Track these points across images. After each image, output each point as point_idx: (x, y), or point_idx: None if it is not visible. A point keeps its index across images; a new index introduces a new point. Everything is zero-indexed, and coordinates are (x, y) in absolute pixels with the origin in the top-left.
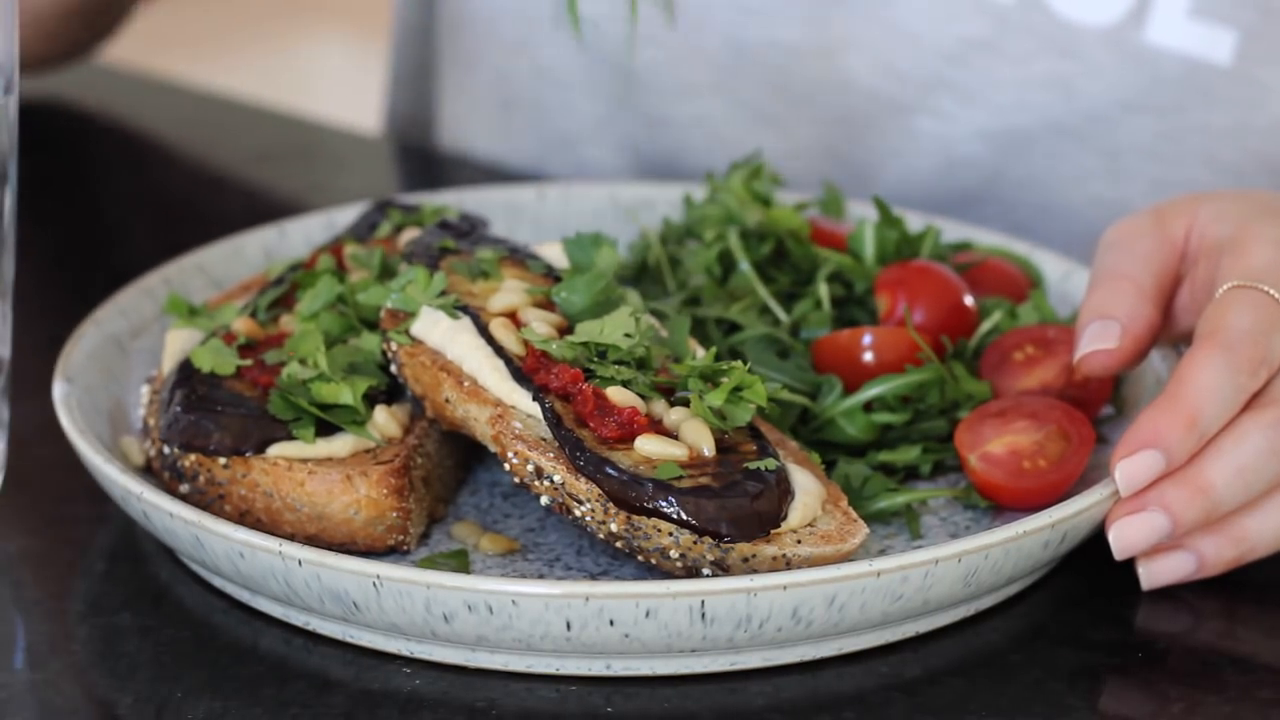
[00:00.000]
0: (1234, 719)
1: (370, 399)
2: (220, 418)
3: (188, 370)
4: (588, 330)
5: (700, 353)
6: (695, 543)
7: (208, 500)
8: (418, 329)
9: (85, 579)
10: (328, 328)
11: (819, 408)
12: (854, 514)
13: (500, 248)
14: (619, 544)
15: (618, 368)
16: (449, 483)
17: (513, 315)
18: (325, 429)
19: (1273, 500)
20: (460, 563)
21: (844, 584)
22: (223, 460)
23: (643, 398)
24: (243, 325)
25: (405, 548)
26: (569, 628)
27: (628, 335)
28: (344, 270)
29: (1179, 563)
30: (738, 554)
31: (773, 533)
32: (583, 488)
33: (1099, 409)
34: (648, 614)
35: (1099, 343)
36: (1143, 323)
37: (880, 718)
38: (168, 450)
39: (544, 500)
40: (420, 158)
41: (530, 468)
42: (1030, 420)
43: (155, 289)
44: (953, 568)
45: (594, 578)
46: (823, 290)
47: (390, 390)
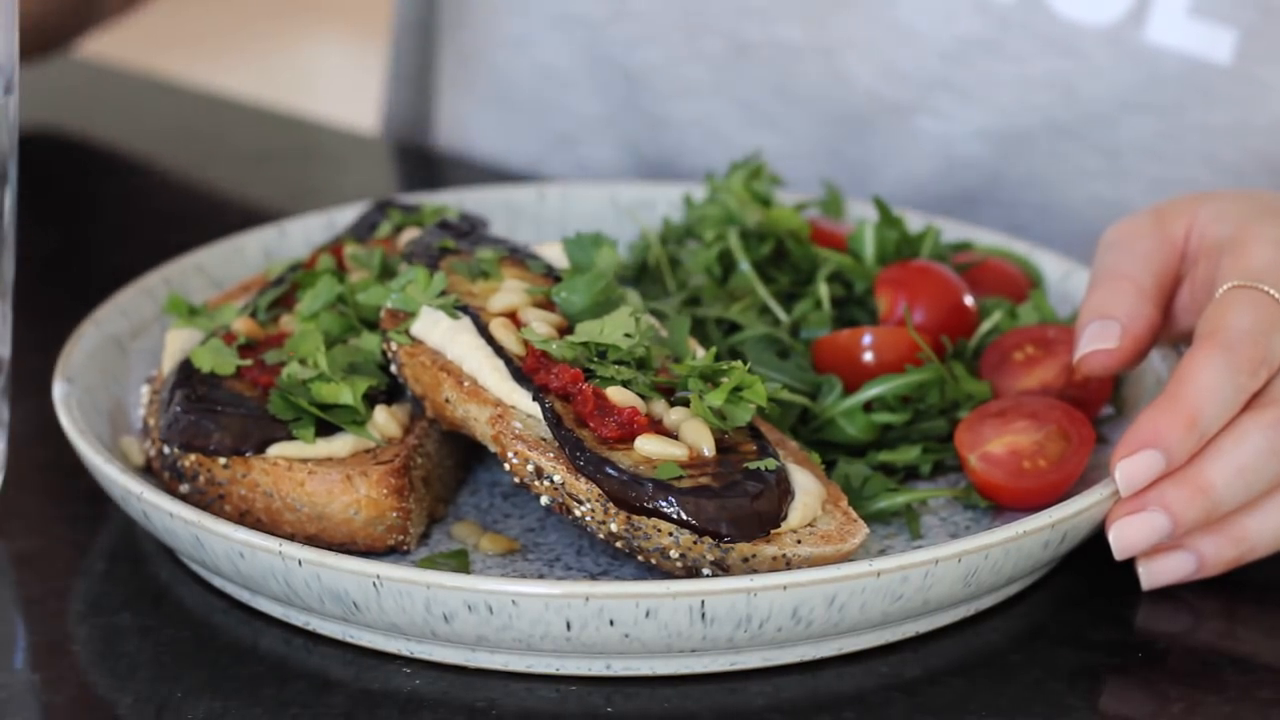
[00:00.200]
0: (1234, 719)
1: (370, 399)
2: (220, 418)
3: (188, 370)
4: (588, 330)
5: (700, 353)
6: (695, 543)
7: (208, 500)
8: (418, 329)
9: (85, 579)
10: (328, 328)
11: (819, 408)
12: (854, 514)
13: (500, 248)
14: (619, 544)
15: (618, 368)
16: (449, 483)
17: (513, 315)
18: (325, 429)
19: (1273, 500)
20: (460, 563)
21: (844, 584)
22: (223, 460)
23: (643, 398)
24: (243, 325)
25: (405, 548)
26: (569, 628)
27: (628, 335)
28: (344, 270)
29: (1179, 563)
30: (738, 554)
31: (773, 533)
32: (583, 488)
33: (1099, 409)
34: (648, 614)
35: (1099, 343)
36: (1143, 323)
37: (880, 718)
38: (168, 450)
39: (544, 500)
40: (420, 158)
41: (530, 468)
42: (1030, 420)
43: (155, 289)
44: (953, 568)
45: (594, 578)
46: (823, 290)
47: (390, 390)
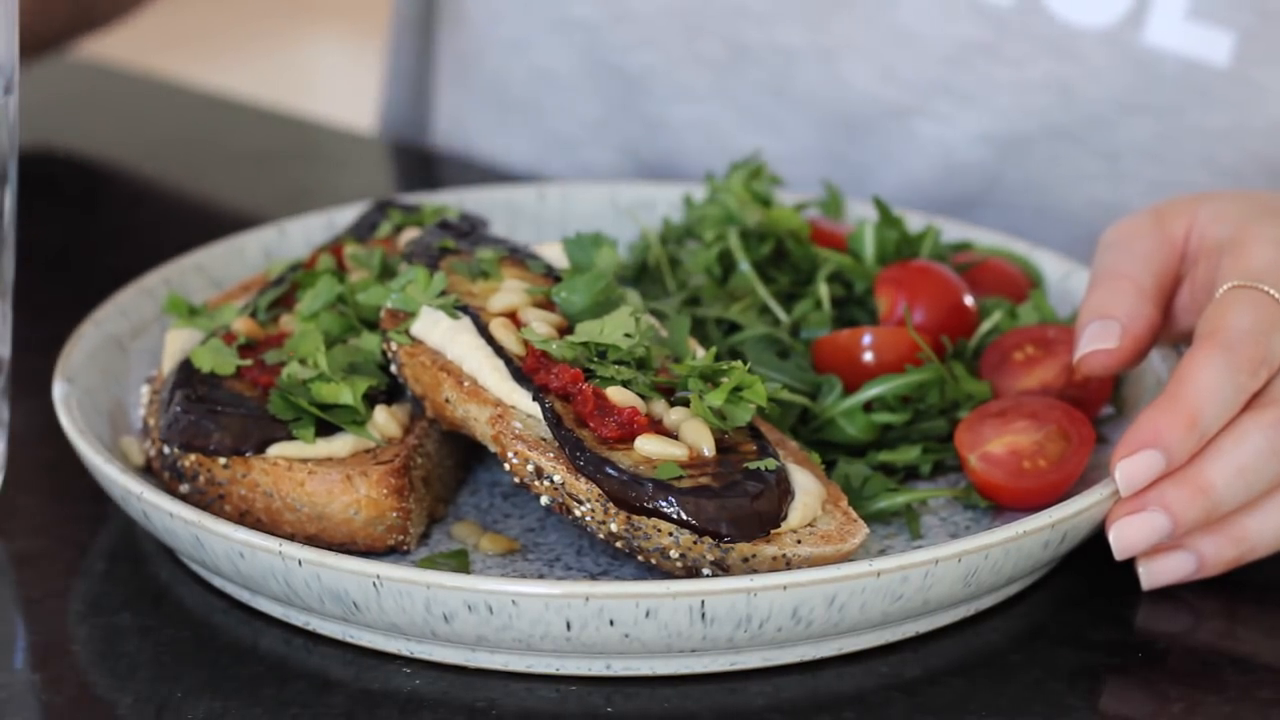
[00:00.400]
0: (1234, 719)
1: (370, 399)
2: (220, 418)
3: (188, 370)
4: (588, 330)
5: (700, 353)
6: (695, 543)
7: (208, 500)
8: (418, 329)
9: (85, 579)
10: (328, 328)
11: (819, 408)
12: (854, 514)
13: (500, 248)
14: (619, 544)
15: (618, 368)
16: (449, 483)
17: (513, 315)
18: (325, 429)
19: (1273, 500)
20: (460, 563)
21: (844, 584)
22: (223, 460)
23: (643, 398)
24: (243, 325)
25: (405, 548)
26: (569, 628)
27: (628, 335)
28: (344, 270)
29: (1179, 563)
30: (738, 554)
31: (773, 533)
32: (583, 488)
33: (1099, 409)
34: (648, 614)
35: (1099, 342)
36: (1142, 322)
37: (880, 718)
38: (168, 450)
39: (544, 500)
40: (419, 158)
41: (530, 468)
42: (1030, 420)
43: (155, 289)
44: (953, 568)
45: (594, 578)
46: (823, 290)
47: (390, 390)
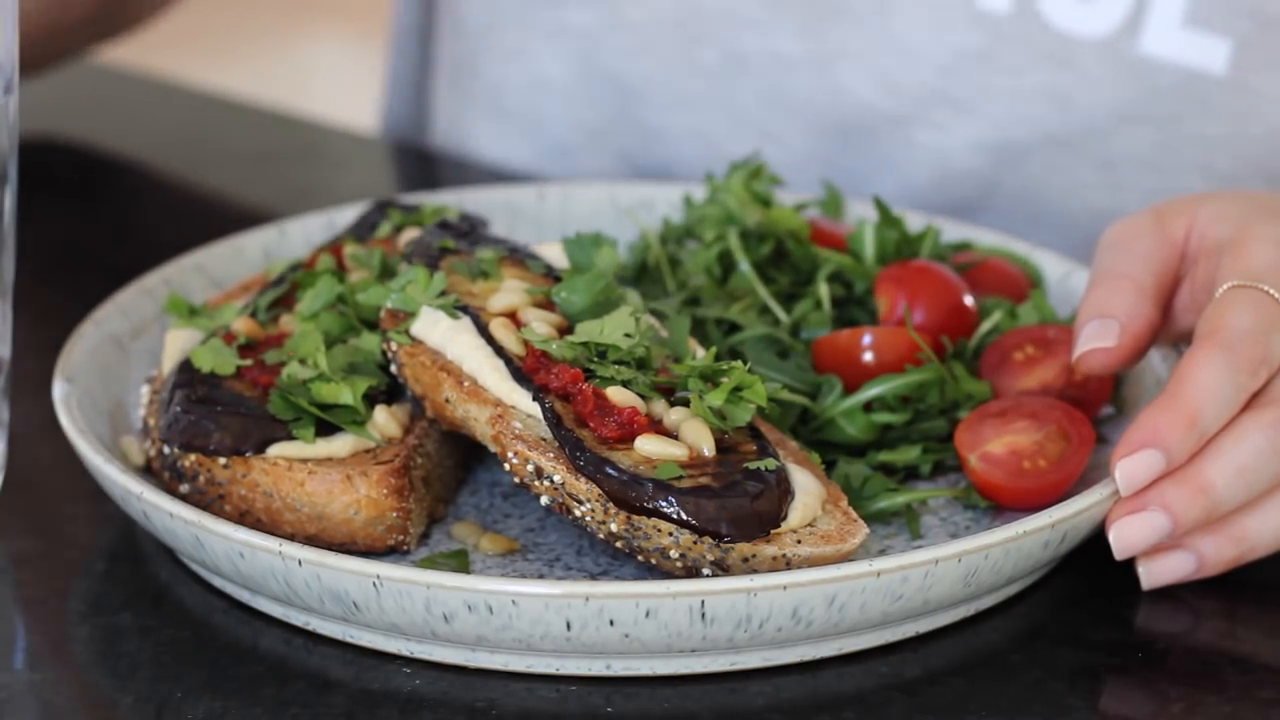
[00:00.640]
0: (1234, 719)
1: (370, 399)
2: (220, 418)
3: (188, 370)
4: (588, 330)
5: (700, 353)
6: (695, 543)
7: (208, 500)
8: (418, 329)
9: (85, 579)
10: (328, 328)
11: (819, 408)
12: (854, 514)
13: (500, 248)
14: (619, 544)
15: (618, 368)
16: (449, 483)
17: (513, 315)
18: (325, 429)
19: (1273, 500)
20: (460, 563)
21: (844, 584)
22: (223, 460)
23: (643, 398)
24: (243, 325)
25: (405, 548)
26: (569, 628)
27: (628, 335)
28: (344, 270)
29: (1179, 562)
30: (738, 554)
31: (773, 533)
32: (583, 488)
33: (1099, 409)
34: (648, 614)
35: (1097, 341)
36: (1142, 321)
37: (880, 718)
38: (168, 450)
39: (544, 500)
40: (419, 158)
41: (530, 468)
42: (1030, 420)
43: (155, 289)
44: (953, 568)
45: (594, 578)
46: (823, 290)
47: (390, 390)
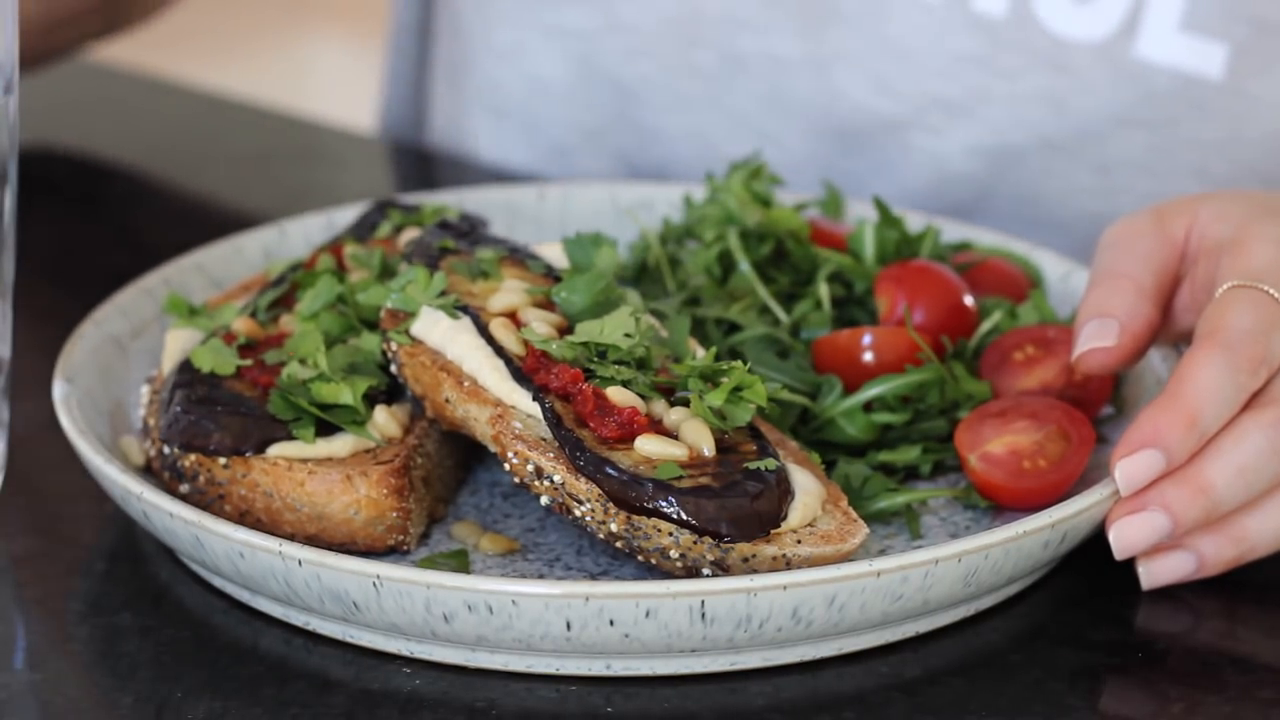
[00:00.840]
0: (1234, 719)
1: (370, 399)
2: (220, 418)
3: (188, 370)
4: (588, 330)
5: (700, 353)
6: (695, 543)
7: (208, 500)
8: (418, 329)
9: (85, 579)
10: (328, 328)
11: (819, 408)
12: (854, 514)
13: (500, 248)
14: (619, 544)
15: (618, 368)
16: (449, 483)
17: (513, 315)
18: (325, 429)
19: (1273, 500)
20: (460, 563)
21: (844, 584)
22: (223, 460)
23: (643, 398)
24: (243, 325)
25: (405, 548)
26: (569, 628)
27: (628, 335)
28: (344, 270)
29: (1179, 562)
30: (738, 554)
31: (773, 533)
32: (583, 488)
33: (1099, 409)
34: (648, 614)
35: (1097, 340)
36: (1141, 321)
37: (880, 718)
38: (168, 450)
39: (544, 500)
40: (419, 158)
41: (530, 468)
42: (1030, 420)
43: (155, 289)
44: (953, 568)
45: (594, 578)
46: (823, 290)
47: (390, 390)
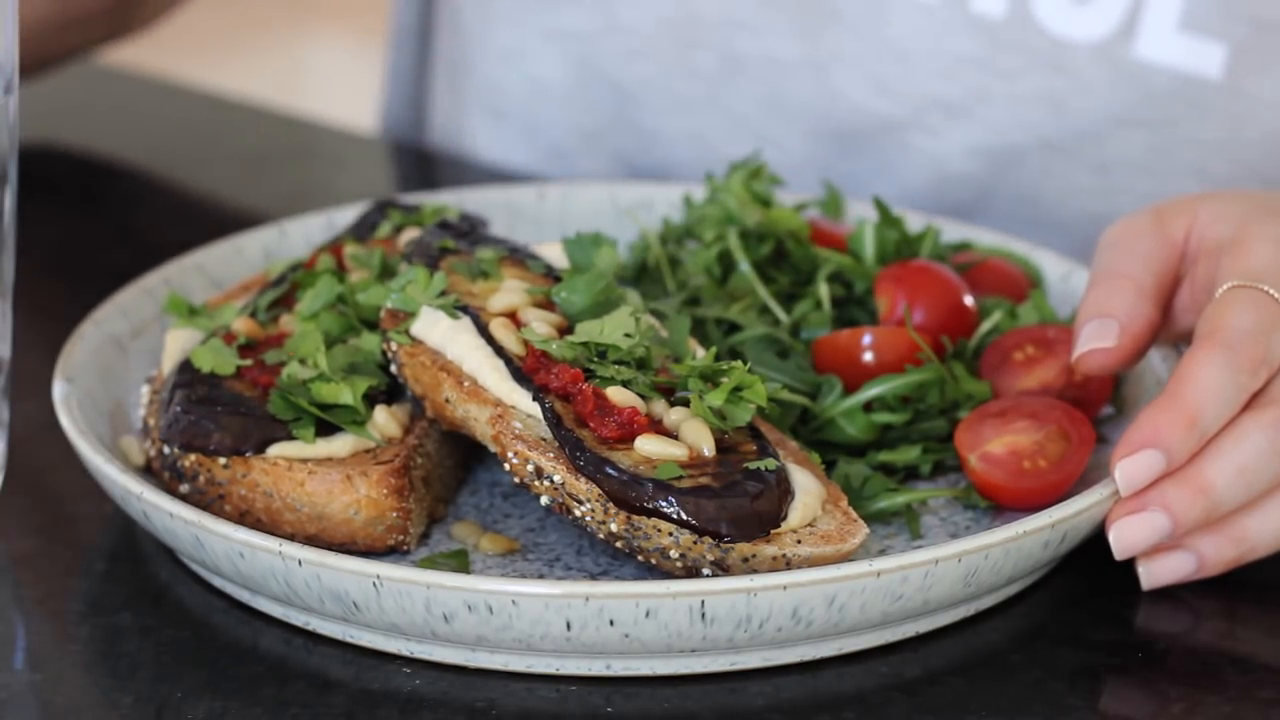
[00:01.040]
0: (1234, 719)
1: (370, 399)
2: (220, 418)
3: (188, 370)
4: (588, 330)
5: (700, 353)
6: (695, 543)
7: (208, 500)
8: (418, 329)
9: (85, 579)
10: (328, 328)
11: (819, 408)
12: (854, 514)
13: (500, 248)
14: (619, 544)
15: (618, 368)
16: (449, 483)
17: (513, 315)
18: (325, 429)
19: (1273, 500)
20: (460, 563)
21: (844, 584)
22: (223, 460)
23: (643, 398)
24: (243, 325)
25: (405, 548)
26: (569, 628)
27: (628, 335)
28: (344, 270)
29: (1179, 563)
30: (738, 554)
31: (773, 533)
32: (583, 488)
33: (1099, 409)
34: (648, 614)
35: (1097, 341)
36: (1141, 321)
37: (880, 718)
38: (168, 450)
39: (544, 500)
40: (419, 158)
41: (530, 468)
42: (1030, 420)
43: (155, 289)
44: (953, 568)
45: (594, 578)
46: (823, 290)
47: (390, 390)
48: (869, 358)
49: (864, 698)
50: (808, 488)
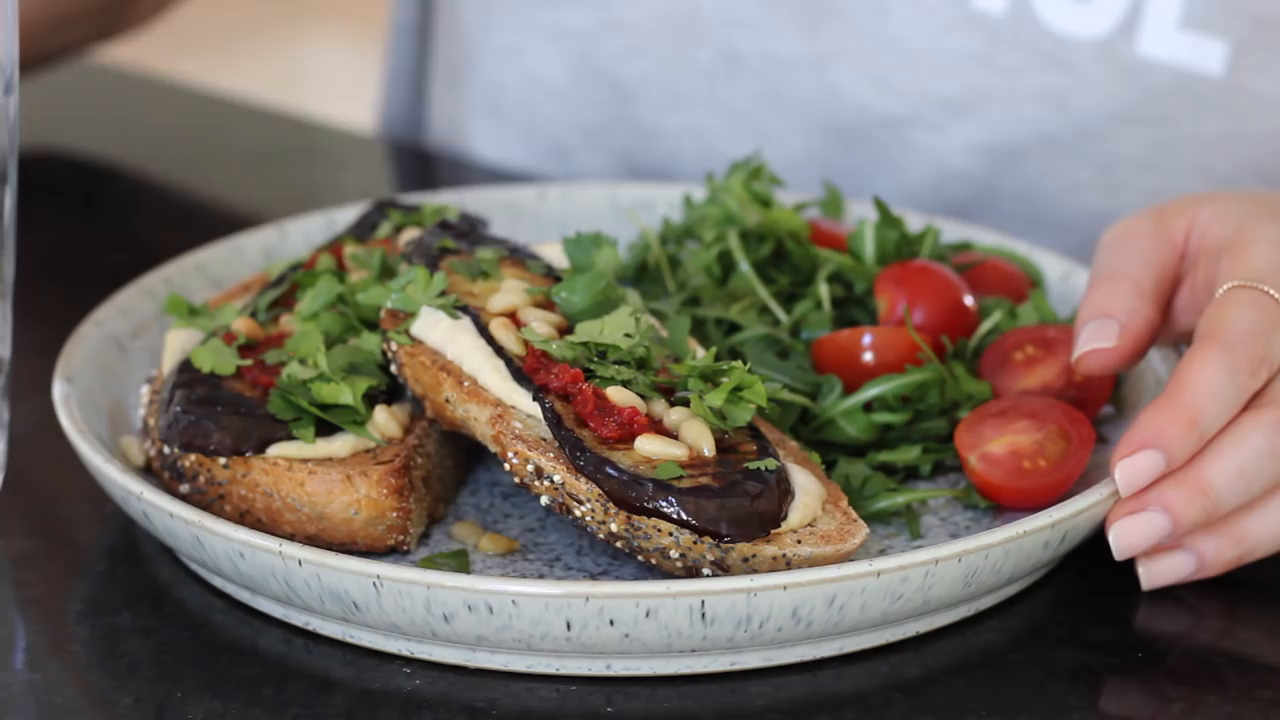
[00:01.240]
0: (1234, 719)
1: (370, 399)
2: (220, 418)
3: (188, 370)
4: (588, 330)
5: (700, 353)
6: (695, 543)
7: (208, 500)
8: (418, 329)
9: (85, 579)
10: (328, 328)
11: (819, 408)
12: (854, 514)
13: (500, 248)
14: (619, 544)
15: (618, 368)
16: (449, 483)
17: (513, 315)
18: (325, 429)
19: (1273, 500)
20: (460, 563)
21: (844, 584)
22: (223, 460)
23: (643, 398)
24: (243, 325)
25: (405, 548)
26: (569, 628)
27: (628, 335)
28: (344, 270)
29: (1179, 563)
30: (738, 554)
31: (773, 533)
32: (583, 488)
33: (1099, 409)
34: (648, 614)
35: (1097, 341)
36: (1141, 321)
37: (880, 718)
38: (168, 450)
39: (544, 500)
40: (419, 158)
41: (530, 468)
42: (1030, 420)
43: (155, 289)
44: (953, 568)
45: (594, 578)
46: (823, 290)
47: (390, 390)
48: (869, 358)
49: (864, 698)
50: (808, 488)
